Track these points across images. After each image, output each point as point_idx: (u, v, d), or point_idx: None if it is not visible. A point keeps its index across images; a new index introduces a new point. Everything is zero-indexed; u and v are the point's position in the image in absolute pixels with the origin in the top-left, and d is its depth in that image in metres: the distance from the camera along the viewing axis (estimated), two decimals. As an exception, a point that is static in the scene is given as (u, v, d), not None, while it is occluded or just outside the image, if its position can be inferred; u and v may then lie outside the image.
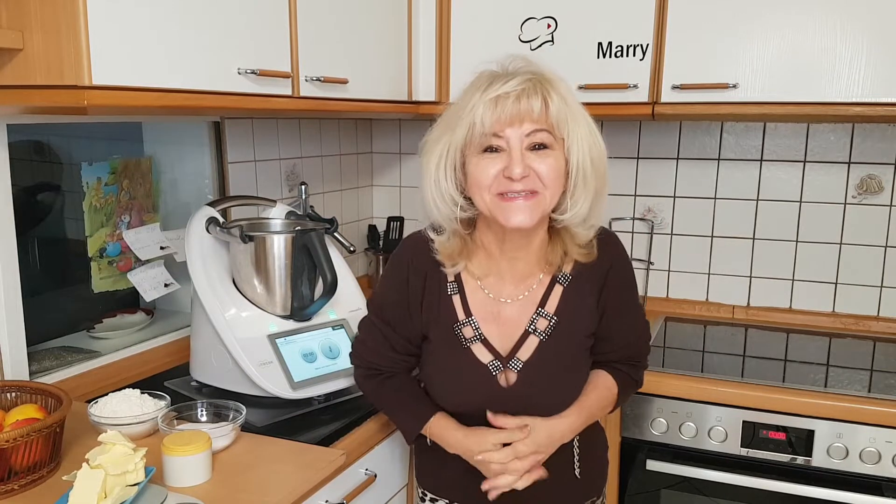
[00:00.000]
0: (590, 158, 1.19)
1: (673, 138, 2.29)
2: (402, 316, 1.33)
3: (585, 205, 1.21)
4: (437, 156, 1.21)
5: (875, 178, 2.12)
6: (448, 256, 1.28)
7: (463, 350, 1.28)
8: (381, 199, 2.71)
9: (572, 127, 1.18)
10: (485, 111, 1.14)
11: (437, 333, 1.31)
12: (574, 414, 1.29)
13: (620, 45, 1.94)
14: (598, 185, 1.21)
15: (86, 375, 1.67)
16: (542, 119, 1.16)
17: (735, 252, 2.29)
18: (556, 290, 1.30)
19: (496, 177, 1.17)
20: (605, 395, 1.35)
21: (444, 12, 2.08)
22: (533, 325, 1.28)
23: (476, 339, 1.29)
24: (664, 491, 1.83)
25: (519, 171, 1.14)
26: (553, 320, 1.28)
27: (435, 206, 1.23)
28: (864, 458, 1.64)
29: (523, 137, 1.16)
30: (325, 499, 1.36)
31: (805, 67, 1.79)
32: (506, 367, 1.28)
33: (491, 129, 1.15)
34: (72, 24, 1.14)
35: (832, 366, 1.90)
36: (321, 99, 1.70)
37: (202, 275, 1.59)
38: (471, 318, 1.29)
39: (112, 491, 1.11)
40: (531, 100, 1.14)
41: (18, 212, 1.50)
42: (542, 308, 1.29)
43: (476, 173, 1.18)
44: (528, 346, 1.28)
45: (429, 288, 1.30)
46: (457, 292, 1.30)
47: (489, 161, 1.17)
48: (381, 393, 1.40)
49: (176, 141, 1.98)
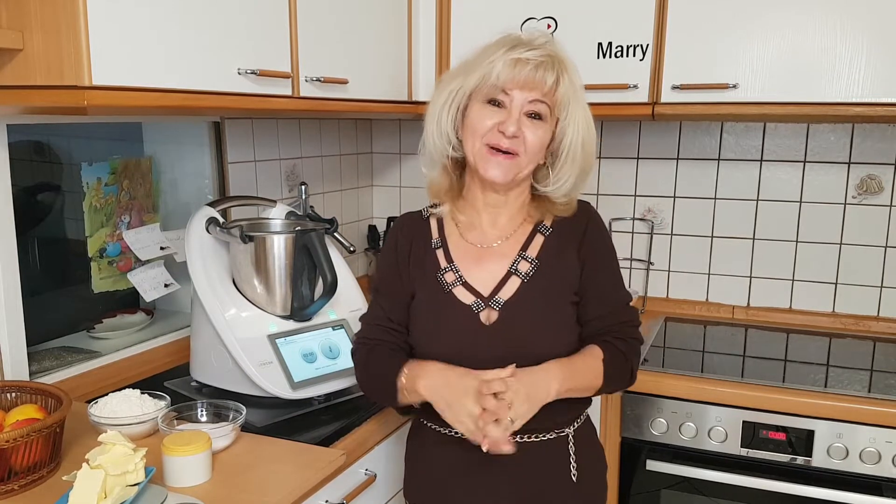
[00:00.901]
0: (581, 140, 1.28)
1: (673, 138, 2.29)
2: (394, 280, 1.38)
3: (570, 181, 1.30)
4: (445, 93, 1.30)
5: (875, 178, 2.12)
6: (435, 194, 1.39)
7: (445, 294, 1.33)
8: (381, 199, 2.71)
9: (572, 109, 1.26)
10: (503, 68, 1.23)
11: (422, 285, 1.36)
12: (555, 366, 1.25)
13: (620, 45, 1.94)
14: (585, 164, 1.31)
15: (86, 375, 1.67)
16: (549, 93, 1.25)
17: (735, 252, 2.29)
18: (537, 238, 1.35)
19: (491, 128, 1.26)
20: (589, 362, 1.29)
21: (444, 12, 2.08)
22: (515, 266, 1.33)
23: (458, 283, 1.33)
24: (664, 491, 1.83)
25: (513, 129, 1.24)
26: (535, 263, 1.33)
27: (432, 138, 1.33)
28: (864, 459, 1.64)
29: (525, 103, 1.25)
30: (324, 499, 1.36)
31: (805, 67, 1.79)
32: (487, 305, 1.31)
33: (502, 85, 1.24)
34: (72, 24, 1.14)
35: (832, 366, 1.90)
36: (321, 99, 1.70)
37: (202, 275, 1.59)
38: (452, 264, 1.35)
39: (112, 491, 1.11)
40: (546, 73, 1.23)
41: (18, 212, 1.50)
42: (524, 252, 1.34)
43: (474, 119, 1.27)
44: (509, 287, 1.32)
45: (415, 247, 1.38)
46: (440, 246, 1.38)
47: (489, 112, 1.26)
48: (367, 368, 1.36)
49: (176, 141, 1.98)
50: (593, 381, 1.29)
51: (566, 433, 1.33)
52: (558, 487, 1.33)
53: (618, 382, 1.34)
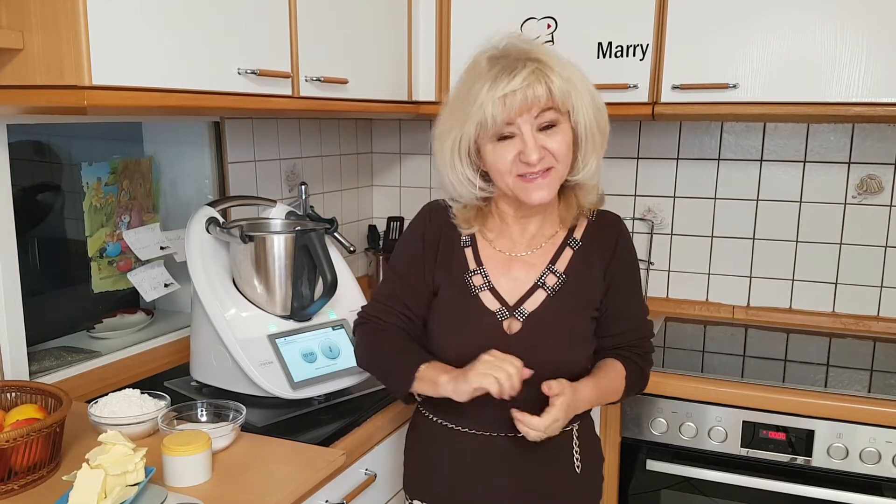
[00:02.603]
0: (596, 123, 1.28)
1: (673, 138, 2.29)
2: (416, 269, 1.38)
3: (595, 162, 1.30)
4: (450, 144, 1.29)
5: (875, 178, 2.12)
6: (464, 220, 1.37)
7: (471, 297, 1.33)
8: (381, 199, 2.71)
9: (576, 99, 1.25)
10: (494, 109, 1.21)
11: (448, 283, 1.36)
12: (591, 384, 1.29)
13: (620, 45, 1.94)
14: (602, 140, 1.31)
15: (86, 375, 1.67)
16: (548, 101, 1.23)
17: (735, 252, 2.29)
18: (566, 252, 1.36)
19: (514, 161, 1.24)
20: (614, 380, 1.35)
21: (444, 12, 2.08)
22: (542, 279, 1.33)
23: (485, 287, 1.34)
24: (664, 491, 1.83)
25: (536, 156, 1.22)
26: (562, 278, 1.33)
27: (454, 188, 1.32)
28: (864, 458, 1.64)
29: (533, 121, 1.23)
30: (324, 499, 1.36)
31: (805, 67, 1.79)
32: (511, 315, 1.31)
33: (503, 122, 1.22)
34: (72, 24, 1.14)
35: (832, 366, 1.90)
36: (321, 99, 1.70)
37: (202, 275, 1.59)
38: (481, 267, 1.35)
39: (112, 491, 1.11)
40: (536, 90, 1.21)
41: (18, 212, 1.50)
42: (553, 265, 1.34)
43: (494, 160, 1.26)
44: (535, 299, 1.32)
45: (444, 241, 1.38)
46: (469, 245, 1.37)
47: (505, 148, 1.25)
48: (378, 347, 1.38)
49: (176, 141, 1.98)
50: (613, 397, 1.36)
51: (571, 428, 1.36)
52: (562, 479, 1.35)
53: (632, 394, 1.41)
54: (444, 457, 1.37)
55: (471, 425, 1.33)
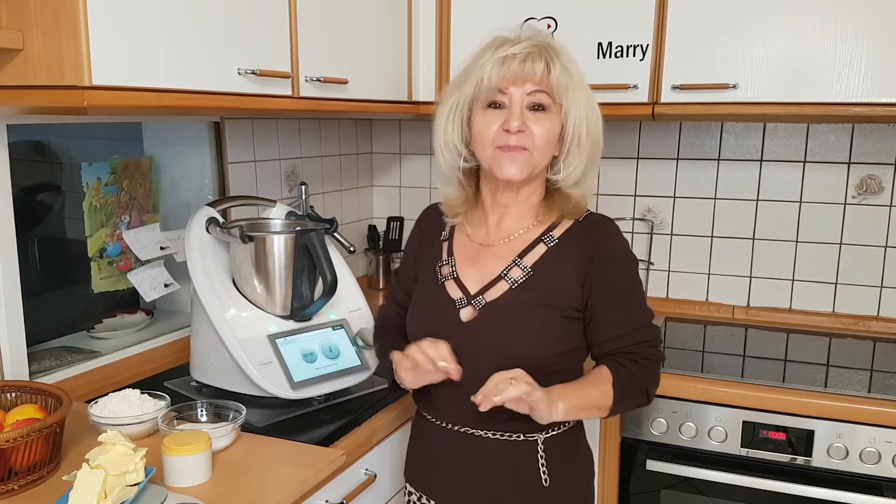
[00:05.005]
0: (586, 125, 1.28)
1: (673, 138, 2.29)
2: (408, 266, 1.47)
3: (579, 167, 1.30)
4: (447, 108, 1.32)
5: (875, 178, 2.12)
6: (450, 207, 1.41)
7: (438, 286, 1.37)
8: (381, 199, 2.71)
9: (572, 95, 1.26)
10: (492, 69, 1.25)
11: (423, 275, 1.42)
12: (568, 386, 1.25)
13: (620, 45, 1.94)
14: (592, 151, 1.31)
15: (86, 375, 1.67)
16: (544, 82, 1.25)
17: (735, 252, 2.29)
18: (539, 247, 1.34)
19: (497, 131, 1.26)
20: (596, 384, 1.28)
21: (444, 12, 2.08)
22: (507, 271, 1.33)
23: (450, 277, 1.37)
24: (664, 491, 1.83)
25: (516, 124, 1.24)
26: (528, 272, 1.32)
27: (441, 154, 1.36)
28: (864, 458, 1.64)
29: (524, 96, 1.25)
30: (324, 499, 1.36)
31: (805, 67, 1.79)
32: (469, 303, 1.32)
33: (496, 85, 1.25)
34: (72, 25, 1.14)
35: (832, 366, 1.90)
36: (321, 99, 1.70)
37: (202, 275, 1.59)
38: (451, 258, 1.39)
39: (112, 491, 1.11)
40: (535, 63, 1.24)
41: (18, 212, 1.50)
42: (521, 259, 1.33)
43: (480, 127, 1.29)
44: (496, 290, 1.32)
45: (428, 238, 1.44)
46: (447, 239, 1.42)
47: (492, 115, 1.27)
48: (381, 344, 1.49)
49: (176, 141, 1.98)
50: (603, 402, 1.28)
51: (535, 438, 1.31)
52: (526, 490, 1.31)
53: (631, 403, 1.33)
54: (430, 450, 1.39)
55: (443, 418, 1.34)
